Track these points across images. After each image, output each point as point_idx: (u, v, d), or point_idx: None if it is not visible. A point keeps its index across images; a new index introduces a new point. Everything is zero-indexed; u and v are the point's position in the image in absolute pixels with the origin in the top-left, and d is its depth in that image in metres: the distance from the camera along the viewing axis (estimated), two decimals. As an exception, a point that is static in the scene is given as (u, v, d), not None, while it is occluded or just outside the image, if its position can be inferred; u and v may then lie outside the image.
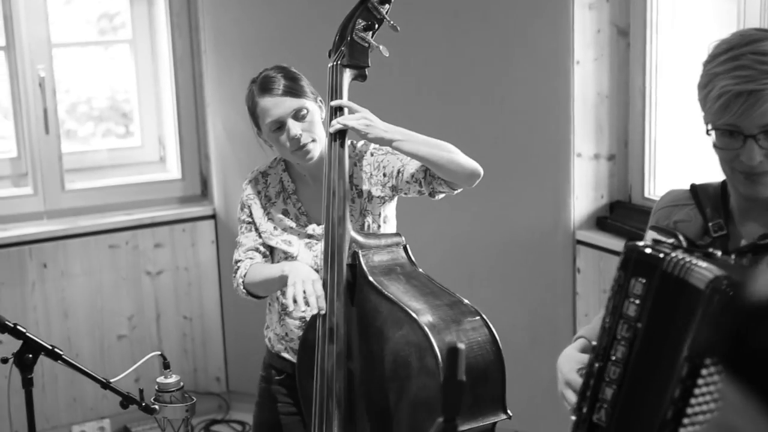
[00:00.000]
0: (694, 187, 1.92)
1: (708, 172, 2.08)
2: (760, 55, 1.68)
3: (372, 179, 2.70)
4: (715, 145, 1.77)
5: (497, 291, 3.98)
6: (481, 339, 2.48)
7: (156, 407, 2.58)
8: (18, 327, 2.51)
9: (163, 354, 2.68)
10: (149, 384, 3.24)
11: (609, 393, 1.74)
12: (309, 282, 2.54)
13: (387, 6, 2.63)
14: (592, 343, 1.81)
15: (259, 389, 2.93)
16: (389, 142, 2.55)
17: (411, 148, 2.53)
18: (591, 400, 1.77)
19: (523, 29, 3.81)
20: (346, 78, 2.64)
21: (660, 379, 1.63)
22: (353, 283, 2.57)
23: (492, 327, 2.50)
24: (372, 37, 2.63)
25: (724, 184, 1.89)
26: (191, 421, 2.62)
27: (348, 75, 2.64)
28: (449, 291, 2.57)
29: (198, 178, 4.71)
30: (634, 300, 1.71)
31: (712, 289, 1.57)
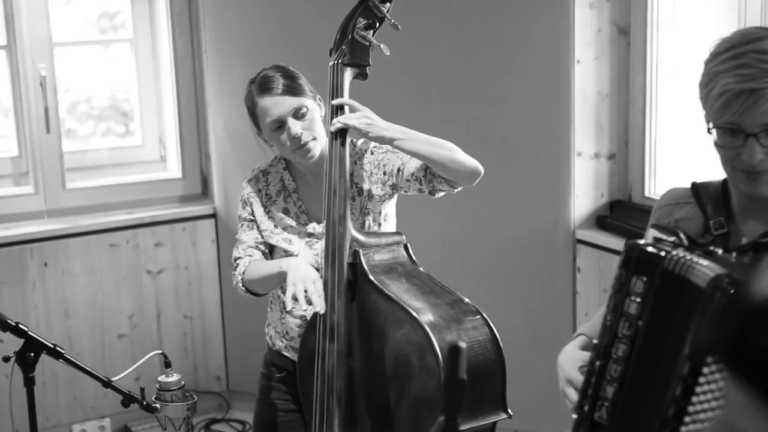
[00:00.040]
0: (695, 186, 1.92)
1: (708, 171, 2.08)
2: (761, 54, 1.68)
3: (372, 177, 2.70)
4: (716, 144, 1.78)
5: (497, 290, 3.98)
6: (482, 338, 2.47)
7: (157, 406, 2.58)
8: (20, 325, 2.51)
9: (164, 353, 2.68)
10: (149, 383, 3.24)
11: (610, 391, 1.74)
12: (309, 282, 2.54)
13: (388, 5, 2.63)
14: (593, 341, 1.81)
15: (260, 386, 2.93)
16: (390, 140, 2.54)
17: (412, 146, 2.53)
18: (592, 398, 1.77)
19: (524, 28, 3.81)
20: (347, 77, 2.64)
21: (661, 377, 1.63)
22: (354, 282, 2.56)
23: (493, 326, 2.49)
24: (373, 36, 2.63)
25: (725, 182, 1.89)
26: (192, 420, 2.63)
27: (349, 74, 2.64)
28: (450, 290, 2.56)
29: (198, 177, 4.71)
30: (635, 298, 1.71)
31: (713, 288, 1.57)
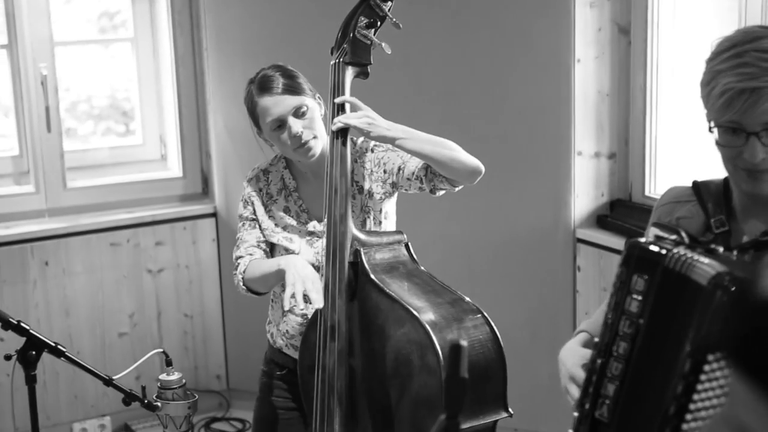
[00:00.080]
0: (696, 184, 1.92)
1: (709, 170, 2.08)
2: (762, 53, 1.68)
3: (372, 176, 2.70)
4: (718, 143, 1.78)
5: (498, 289, 3.98)
6: (483, 337, 2.47)
7: (158, 404, 2.58)
8: (22, 324, 2.52)
9: (165, 351, 2.68)
10: (150, 382, 3.25)
11: (611, 389, 1.74)
12: (309, 281, 2.54)
13: (389, 3, 2.63)
14: (594, 339, 1.81)
15: (260, 384, 2.93)
16: (392, 140, 2.54)
17: (413, 146, 2.53)
18: (593, 396, 1.77)
19: (525, 27, 3.81)
20: (348, 75, 2.64)
21: (662, 375, 1.63)
22: (355, 281, 2.56)
23: (493, 325, 2.49)
24: (374, 35, 2.63)
25: (726, 181, 1.89)
26: (192, 419, 2.63)
27: (350, 72, 2.64)
28: (451, 289, 2.56)
29: (199, 176, 4.71)
30: (636, 296, 1.71)
31: (714, 285, 1.57)
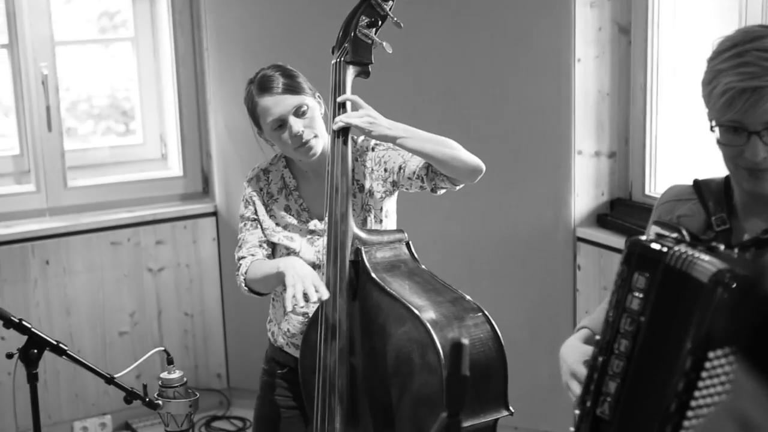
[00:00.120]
0: (697, 182, 1.93)
1: (709, 169, 2.09)
2: (764, 52, 1.68)
3: (373, 175, 2.71)
4: (719, 142, 1.78)
5: (498, 288, 3.98)
6: (484, 336, 2.47)
7: (160, 402, 2.58)
8: (23, 322, 2.52)
9: (167, 350, 2.69)
10: (150, 380, 3.25)
11: (612, 386, 1.74)
12: (308, 280, 2.53)
13: (390, 2, 2.63)
14: (595, 337, 1.82)
15: (261, 382, 2.93)
16: (393, 139, 2.55)
17: (414, 145, 2.54)
18: (595, 393, 1.77)
19: (525, 27, 3.82)
20: (349, 75, 2.64)
21: (663, 373, 1.63)
22: (356, 280, 2.56)
23: (494, 323, 2.50)
24: (375, 34, 2.63)
25: (727, 179, 1.90)
26: (193, 417, 2.63)
27: (351, 72, 2.64)
28: (452, 288, 2.56)
29: (199, 175, 4.71)
30: (637, 294, 1.71)
31: (714, 282, 1.58)
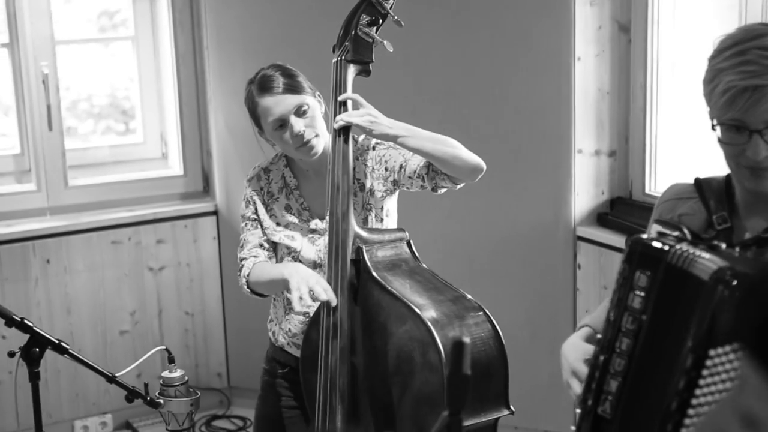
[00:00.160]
0: (698, 181, 1.93)
1: (709, 168, 2.09)
2: (765, 50, 1.68)
3: (374, 173, 2.71)
4: (721, 140, 1.78)
5: (498, 287, 3.98)
6: (485, 334, 2.47)
7: (161, 401, 2.59)
8: (25, 321, 2.52)
9: (168, 349, 2.69)
10: (151, 379, 3.25)
11: (614, 385, 1.74)
12: (313, 281, 2.54)
13: (391, 1, 2.63)
14: (597, 336, 1.82)
15: (262, 382, 2.93)
16: (393, 138, 2.55)
17: (415, 143, 2.54)
18: (596, 392, 1.77)
19: (525, 26, 3.82)
20: (350, 73, 2.64)
21: (664, 371, 1.63)
22: (357, 279, 2.56)
23: (495, 322, 2.50)
24: (376, 33, 2.64)
25: (728, 178, 1.89)
26: (194, 416, 2.64)
27: (352, 70, 2.65)
28: (453, 286, 2.56)
29: (200, 174, 4.71)
30: (639, 292, 1.71)
31: (715, 280, 1.58)
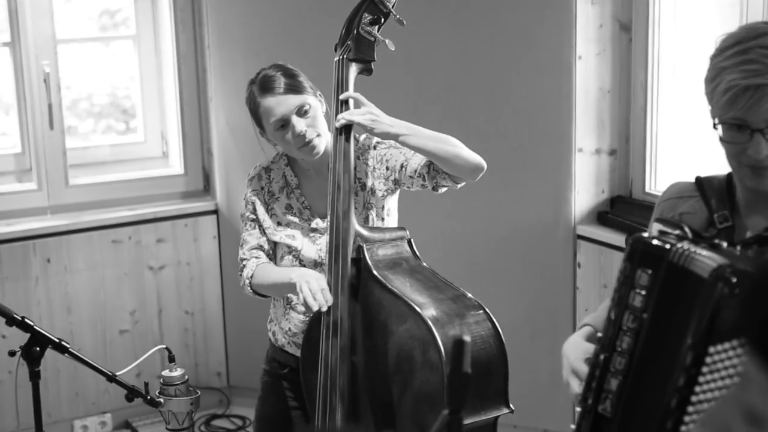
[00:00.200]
0: (699, 180, 1.93)
1: (710, 167, 2.09)
2: (767, 49, 1.68)
3: (375, 173, 2.71)
4: (722, 139, 1.78)
5: (498, 285, 3.98)
6: (485, 333, 2.47)
7: (161, 400, 2.58)
8: (26, 320, 2.52)
9: (168, 348, 2.69)
10: (151, 378, 3.25)
11: (614, 384, 1.74)
12: (323, 280, 2.56)
13: (393, 0, 2.64)
14: (597, 335, 1.82)
15: (262, 383, 2.93)
16: (395, 136, 2.56)
17: (417, 142, 2.54)
18: (596, 391, 1.77)
19: (526, 24, 3.82)
20: (352, 72, 2.64)
21: (665, 369, 1.64)
22: (358, 277, 2.57)
23: (495, 321, 2.50)
24: (378, 31, 2.64)
25: (729, 176, 1.90)
26: (194, 415, 2.63)
27: (354, 69, 2.65)
28: (453, 285, 2.56)
29: (201, 173, 4.71)
30: (639, 291, 1.71)
31: (715, 278, 1.58)
